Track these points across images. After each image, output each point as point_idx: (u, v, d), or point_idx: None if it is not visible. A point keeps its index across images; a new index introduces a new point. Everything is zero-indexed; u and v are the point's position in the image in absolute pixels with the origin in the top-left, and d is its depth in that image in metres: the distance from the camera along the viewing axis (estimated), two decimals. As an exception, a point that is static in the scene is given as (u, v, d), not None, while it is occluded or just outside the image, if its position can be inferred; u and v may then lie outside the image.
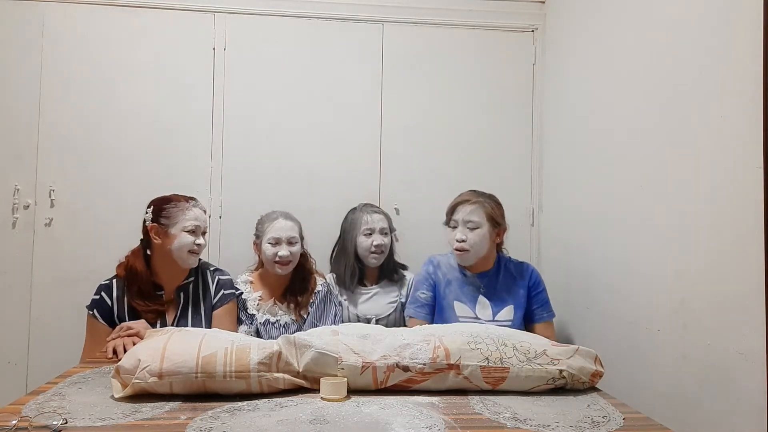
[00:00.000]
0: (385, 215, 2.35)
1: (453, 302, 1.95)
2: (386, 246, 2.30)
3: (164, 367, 1.27)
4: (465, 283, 1.98)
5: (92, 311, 1.84)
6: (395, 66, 2.67)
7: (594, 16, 2.27)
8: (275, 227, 2.08)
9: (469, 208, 1.96)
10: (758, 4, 1.39)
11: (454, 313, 1.93)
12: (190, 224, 1.86)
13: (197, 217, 1.89)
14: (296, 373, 1.34)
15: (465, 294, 1.96)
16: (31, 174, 2.44)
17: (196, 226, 1.88)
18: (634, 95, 1.95)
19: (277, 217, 2.11)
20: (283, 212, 2.17)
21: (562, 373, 1.36)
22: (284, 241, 2.06)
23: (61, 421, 1.09)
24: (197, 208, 1.91)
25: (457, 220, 1.97)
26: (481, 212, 1.94)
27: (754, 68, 1.40)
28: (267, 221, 2.13)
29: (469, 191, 2.06)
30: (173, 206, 1.88)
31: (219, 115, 2.56)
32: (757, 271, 1.39)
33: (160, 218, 1.87)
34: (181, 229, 1.85)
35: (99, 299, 1.85)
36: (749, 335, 1.41)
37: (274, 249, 2.05)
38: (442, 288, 2.01)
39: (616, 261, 2.03)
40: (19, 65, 2.45)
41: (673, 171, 1.73)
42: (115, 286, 1.87)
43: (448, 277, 2.00)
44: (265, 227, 2.11)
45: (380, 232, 2.28)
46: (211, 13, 2.57)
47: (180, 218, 1.86)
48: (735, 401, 1.46)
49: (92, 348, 1.81)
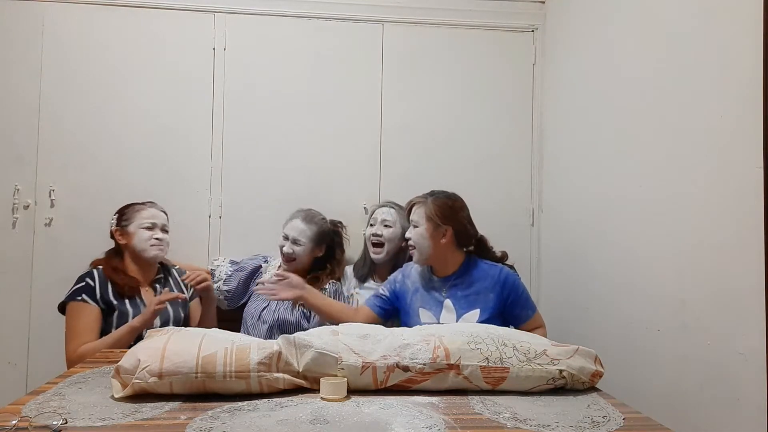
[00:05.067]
0: (398, 210, 2.31)
1: (418, 309, 1.95)
2: (386, 238, 2.26)
3: (164, 367, 1.26)
4: (431, 288, 1.97)
5: (80, 296, 1.92)
6: (395, 66, 2.67)
7: (594, 16, 2.27)
8: (288, 226, 2.27)
9: (415, 209, 1.99)
10: (758, 4, 1.39)
11: (419, 320, 1.92)
12: (145, 222, 2.06)
13: (153, 215, 2.09)
14: (296, 373, 1.34)
15: (431, 300, 1.94)
16: (31, 174, 2.44)
17: (153, 223, 2.07)
18: (634, 95, 1.95)
19: (295, 217, 2.28)
20: (302, 212, 2.31)
21: (562, 373, 1.36)
22: (290, 240, 2.25)
23: (61, 421, 1.09)
24: (153, 208, 2.12)
25: (410, 220, 2.01)
26: (420, 211, 1.96)
27: (754, 68, 1.40)
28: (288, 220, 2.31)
29: (427, 192, 2.03)
30: (131, 210, 2.10)
31: (219, 115, 2.56)
32: (757, 272, 1.39)
33: (121, 221, 2.09)
34: (138, 227, 2.05)
35: (84, 285, 1.95)
36: (749, 335, 1.42)
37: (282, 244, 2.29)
38: (409, 296, 1.99)
39: (616, 261, 2.03)
40: (19, 65, 2.45)
41: (673, 171, 1.73)
42: (96, 273, 2.00)
43: (416, 285, 2.00)
44: (286, 225, 2.30)
45: (381, 223, 2.28)
46: (211, 13, 2.57)
47: (136, 217, 2.07)
48: (735, 401, 1.46)
49: (80, 333, 1.88)
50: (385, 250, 2.27)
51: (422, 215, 1.96)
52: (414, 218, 1.98)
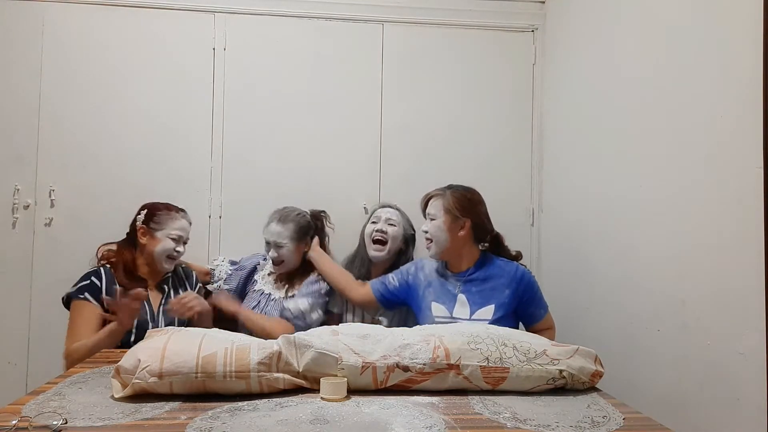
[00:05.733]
0: (401, 212, 2.32)
1: (431, 303, 1.93)
2: (390, 236, 2.24)
3: (164, 367, 1.26)
4: (445, 283, 1.95)
5: (83, 295, 1.90)
6: (395, 66, 2.67)
7: (594, 16, 2.27)
8: (266, 231, 2.23)
9: (432, 202, 1.99)
10: (758, 4, 1.39)
11: (431, 314, 1.91)
12: (175, 233, 2.04)
13: (183, 227, 2.07)
14: (296, 373, 1.34)
15: (444, 294, 1.92)
16: (31, 174, 2.44)
17: (180, 235, 2.05)
18: (634, 95, 1.95)
19: (271, 221, 2.23)
20: (277, 212, 2.25)
21: (562, 373, 1.36)
22: (272, 245, 2.21)
23: (61, 421, 1.09)
24: (185, 220, 2.10)
25: (427, 213, 2.00)
26: (438, 204, 1.96)
27: (754, 68, 1.40)
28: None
29: (445, 186, 2.04)
30: (165, 214, 2.06)
31: (219, 114, 2.56)
32: (757, 272, 1.39)
33: (150, 222, 2.04)
34: (166, 235, 2.02)
35: (89, 283, 1.92)
36: (749, 335, 1.42)
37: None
38: (422, 290, 1.98)
39: (616, 261, 2.03)
40: (19, 65, 2.45)
41: (673, 171, 1.73)
42: (102, 271, 1.96)
43: (429, 279, 1.98)
44: (265, 230, 2.25)
45: (386, 222, 2.27)
46: (211, 13, 2.58)
47: (168, 225, 2.04)
48: (735, 401, 1.46)
49: (78, 331, 1.86)
50: (387, 248, 2.25)
51: (440, 207, 1.95)
52: (431, 211, 1.97)
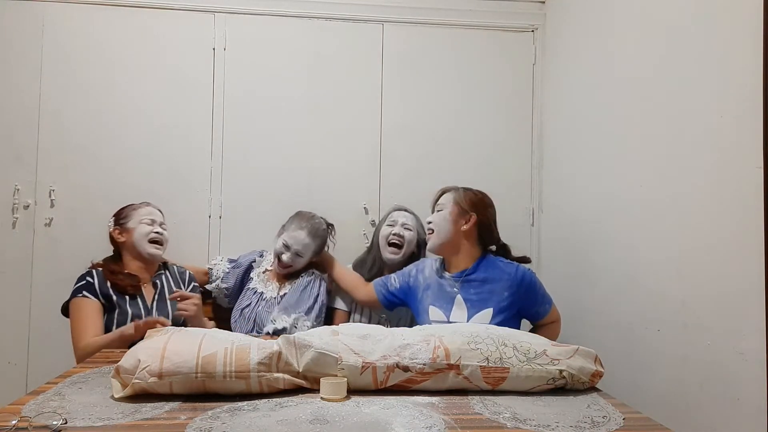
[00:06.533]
0: (415, 216, 2.34)
1: (428, 307, 1.92)
2: (406, 240, 2.26)
3: (164, 367, 1.26)
4: (443, 285, 1.93)
5: (81, 293, 1.94)
6: (395, 66, 2.67)
7: (594, 17, 2.27)
8: (290, 236, 2.24)
9: (444, 195, 2.01)
10: (758, 4, 1.39)
11: (428, 317, 1.90)
12: (145, 218, 2.09)
13: (150, 213, 2.13)
14: (296, 373, 1.34)
15: (442, 298, 1.90)
16: (31, 174, 2.44)
17: (152, 219, 2.10)
18: (634, 95, 1.95)
19: (300, 228, 2.23)
20: (306, 221, 2.26)
21: (562, 373, 1.36)
22: (292, 252, 2.23)
23: (61, 421, 1.09)
24: (150, 207, 2.16)
25: (436, 205, 2.02)
26: (449, 196, 1.98)
27: (754, 68, 1.40)
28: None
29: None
30: (129, 209, 2.13)
31: (219, 114, 2.56)
32: (757, 272, 1.39)
33: (119, 221, 2.12)
34: (138, 222, 2.08)
35: (84, 282, 1.97)
36: (749, 335, 1.42)
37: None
38: (421, 292, 1.97)
39: (616, 261, 2.03)
40: (19, 65, 2.45)
41: (673, 171, 1.73)
42: (95, 272, 2.01)
43: (428, 281, 1.97)
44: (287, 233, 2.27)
45: (402, 226, 2.29)
46: (211, 13, 2.58)
47: (135, 215, 2.10)
48: (735, 401, 1.46)
49: (86, 327, 1.90)
50: (402, 252, 2.27)
51: (450, 199, 1.97)
52: (441, 202, 1.99)
